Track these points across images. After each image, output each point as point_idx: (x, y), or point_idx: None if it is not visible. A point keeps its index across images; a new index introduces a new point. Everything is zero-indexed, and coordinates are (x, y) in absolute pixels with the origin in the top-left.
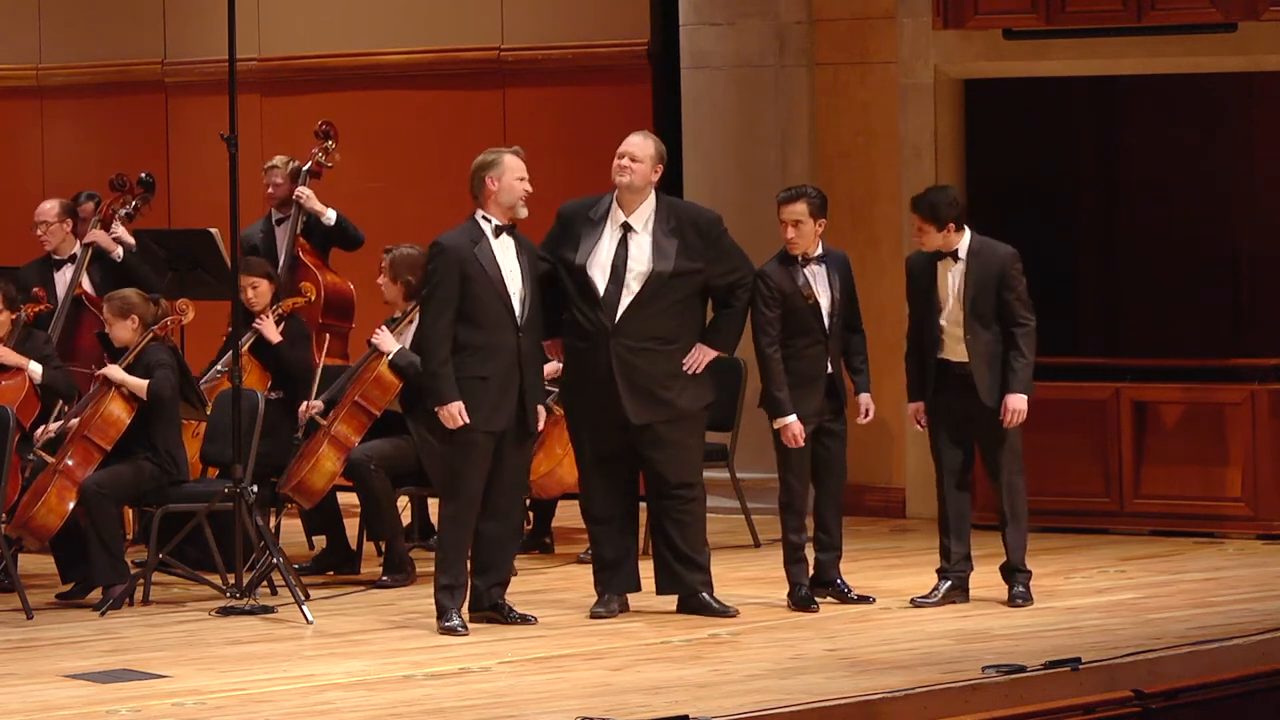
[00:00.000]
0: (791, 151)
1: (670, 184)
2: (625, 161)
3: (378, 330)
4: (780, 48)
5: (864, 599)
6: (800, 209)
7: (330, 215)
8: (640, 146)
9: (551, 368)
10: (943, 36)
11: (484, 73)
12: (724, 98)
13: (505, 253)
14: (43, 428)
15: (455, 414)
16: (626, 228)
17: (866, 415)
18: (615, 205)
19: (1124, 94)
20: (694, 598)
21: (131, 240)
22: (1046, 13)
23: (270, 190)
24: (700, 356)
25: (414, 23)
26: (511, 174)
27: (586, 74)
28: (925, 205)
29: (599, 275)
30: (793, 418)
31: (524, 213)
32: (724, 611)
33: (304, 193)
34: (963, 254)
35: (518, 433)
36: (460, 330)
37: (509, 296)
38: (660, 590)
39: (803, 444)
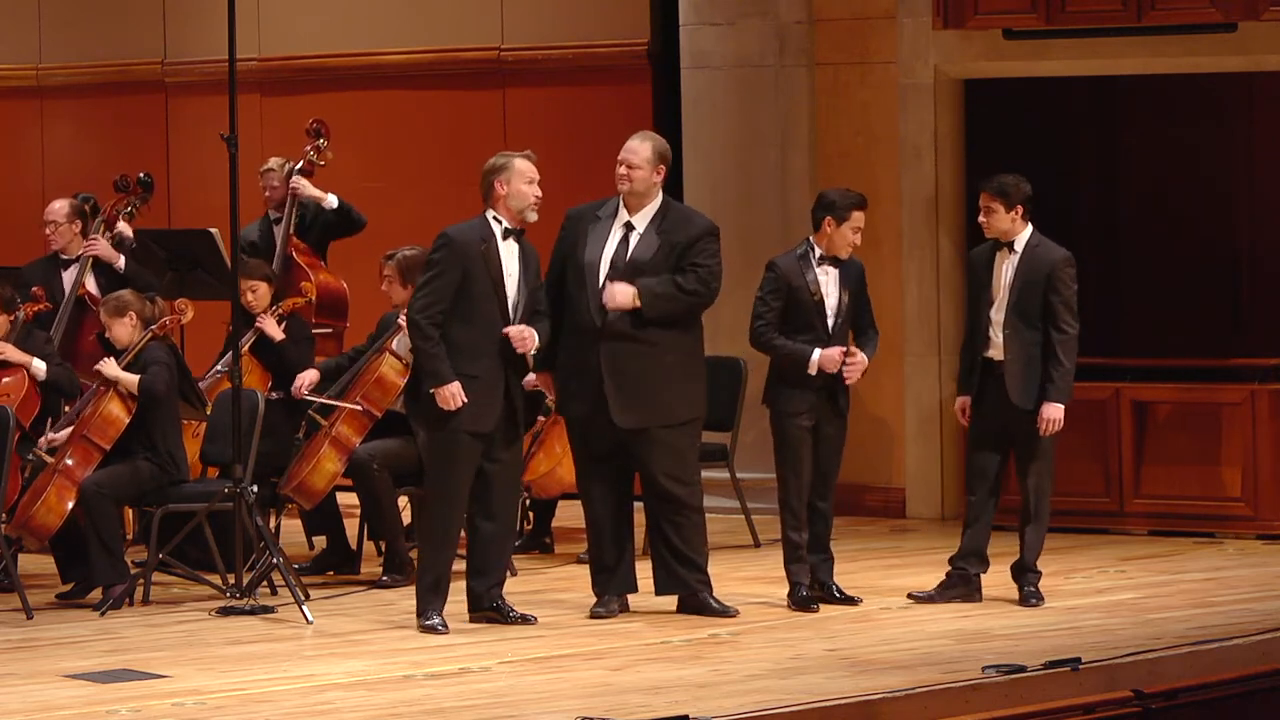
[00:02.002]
0: (791, 151)
1: (670, 184)
2: (624, 170)
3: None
4: (780, 48)
5: (850, 599)
6: (864, 218)
7: (331, 200)
8: (637, 152)
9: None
10: (943, 36)
11: (484, 73)
12: (724, 98)
13: (509, 256)
14: (48, 436)
15: (455, 393)
16: (629, 226)
17: (854, 359)
18: (621, 205)
19: (1124, 94)
20: (694, 597)
21: (131, 234)
22: (1046, 13)
23: (268, 194)
24: (619, 288)
25: (414, 23)
26: (520, 179)
27: (586, 74)
28: (995, 184)
29: (600, 270)
30: (818, 351)
31: (533, 217)
32: (724, 611)
33: (300, 182)
34: (1019, 247)
35: (506, 433)
36: (451, 326)
37: (506, 299)
38: (660, 591)
39: (839, 362)
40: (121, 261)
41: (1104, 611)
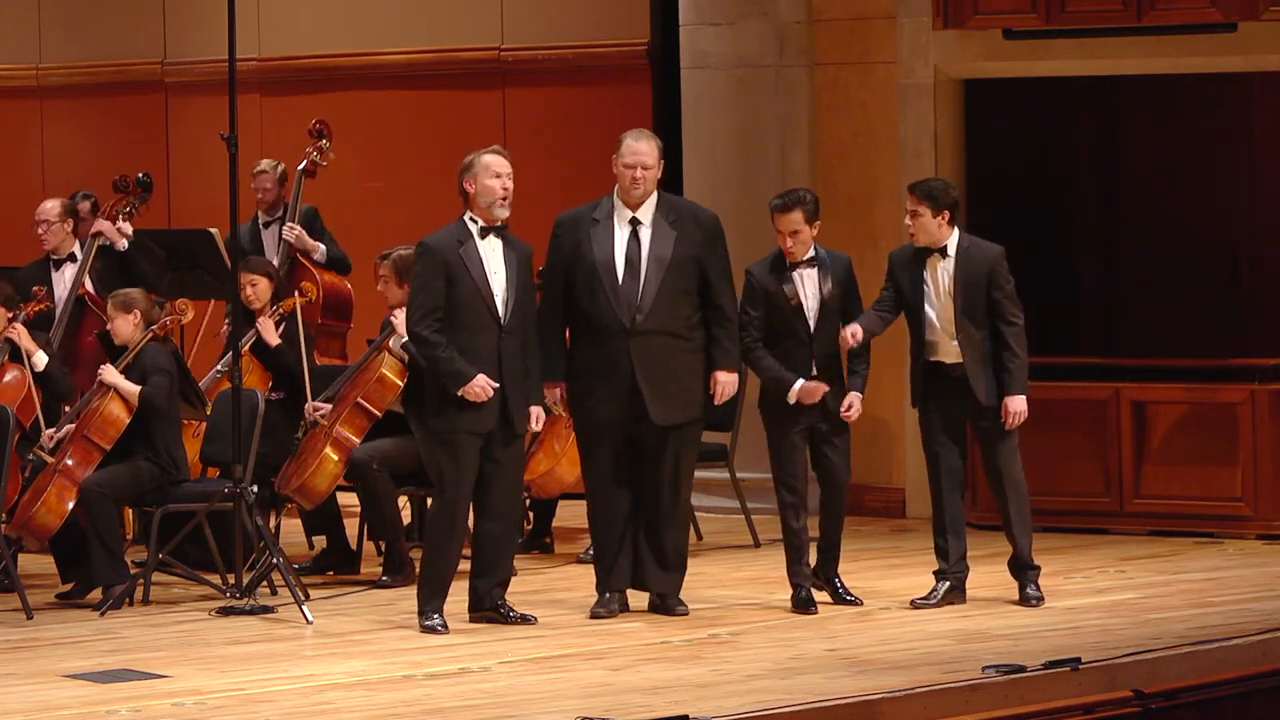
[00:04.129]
0: (791, 151)
1: (670, 184)
2: (639, 173)
3: (396, 312)
4: (780, 48)
5: (852, 600)
6: (797, 218)
7: (321, 251)
8: (649, 153)
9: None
10: (943, 36)
11: (484, 73)
12: (724, 98)
13: (492, 254)
14: (48, 433)
15: (484, 385)
16: (635, 222)
17: (848, 409)
18: (619, 204)
19: (1124, 94)
20: (670, 597)
21: (130, 231)
22: (1046, 13)
23: (259, 195)
24: (725, 386)
25: (414, 23)
26: (486, 174)
27: (586, 74)
28: (923, 186)
29: (616, 269)
30: (800, 381)
31: (502, 214)
32: (685, 612)
33: (293, 232)
34: (952, 250)
35: (504, 433)
36: (443, 331)
37: (492, 298)
38: (634, 585)
39: (819, 397)
40: (124, 243)
41: (1104, 611)
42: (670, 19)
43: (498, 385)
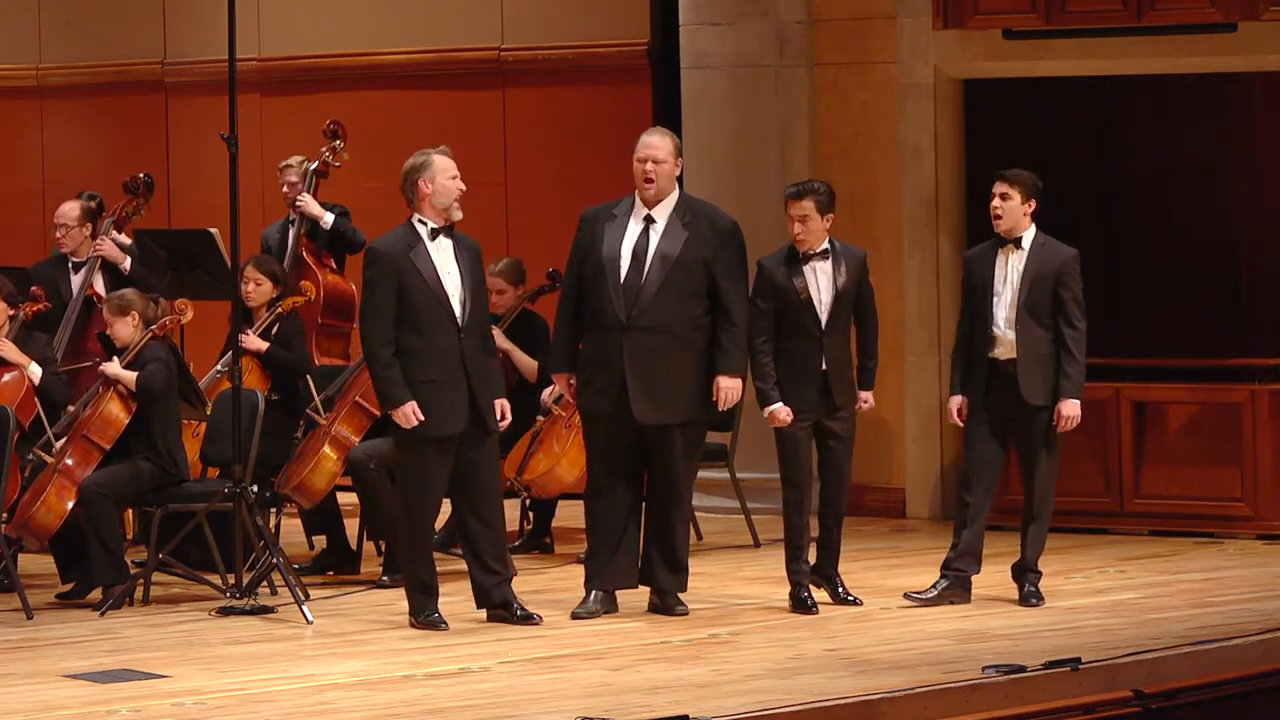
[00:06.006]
0: (791, 151)
1: None
2: (650, 166)
3: None
4: (780, 48)
5: (852, 600)
6: (808, 205)
7: (327, 219)
8: (660, 147)
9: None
10: (943, 36)
11: (484, 73)
12: (724, 97)
13: (443, 255)
14: (49, 438)
15: (410, 414)
16: (649, 220)
17: (865, 404)
18: (638, 201)
19: (1124, 94)
20: (670, 595)
21: (129, 241)
22: (1046, 13)
23: (285, 190)
24: (728, 392)
25: (414, 23)
26: (444, 174)
27: (586, 74)
28: (1012, 172)
29: (621, 263)
30: (777, 405)
31: (458, 215)
32: (685, 612)
33: (305, 199)
34: (1026, 244)
35: (475, 433)
36: (402, 336)
37: (448, 299)
38: (643, 582)
39: (789, 421)
40: (127, 263)
41: (1104, 611)
42: (670, 19)
43: (423, 419)
